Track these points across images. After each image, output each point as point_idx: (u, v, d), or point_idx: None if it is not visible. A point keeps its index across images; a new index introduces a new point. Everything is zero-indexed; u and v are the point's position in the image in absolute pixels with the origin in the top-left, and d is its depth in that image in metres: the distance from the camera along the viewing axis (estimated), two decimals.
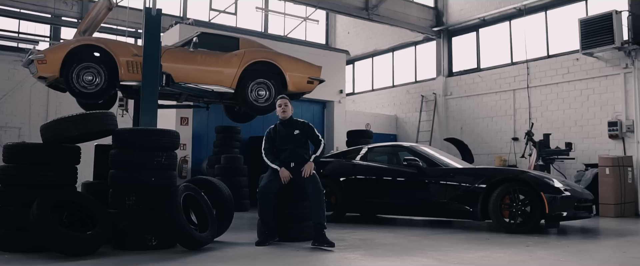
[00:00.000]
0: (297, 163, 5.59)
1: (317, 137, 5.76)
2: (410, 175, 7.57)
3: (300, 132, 5.70)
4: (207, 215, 5.22)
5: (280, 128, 5.74)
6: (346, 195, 7.91)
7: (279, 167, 5.55)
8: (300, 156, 5.64)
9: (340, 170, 8.10)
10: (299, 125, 5.74)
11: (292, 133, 5.67)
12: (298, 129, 5.71)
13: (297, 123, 5.76)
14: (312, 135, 5.75)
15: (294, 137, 5.68)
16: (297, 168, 5.55)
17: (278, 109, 5.73)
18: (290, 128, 5.69)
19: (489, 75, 13.65)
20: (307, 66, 8.76)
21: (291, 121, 5.74)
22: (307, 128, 5.75)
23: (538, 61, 12.54)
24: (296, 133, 5.68)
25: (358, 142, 11.60)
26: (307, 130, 5.74)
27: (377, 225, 7.60)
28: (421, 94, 15.37)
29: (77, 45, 7.25)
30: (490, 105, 13.53)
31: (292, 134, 5.67)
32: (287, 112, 5.71)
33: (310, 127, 5.79)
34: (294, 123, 5.74)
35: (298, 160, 5.61)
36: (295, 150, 5.66)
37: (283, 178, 5.50)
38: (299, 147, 5.70)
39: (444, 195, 7.27)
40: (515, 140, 12.72)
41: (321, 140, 5.76)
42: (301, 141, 5.72)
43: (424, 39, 15.51)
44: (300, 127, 5.73)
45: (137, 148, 4.98)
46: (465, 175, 7.30)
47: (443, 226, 7.69)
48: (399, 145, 8.80)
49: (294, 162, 5.61)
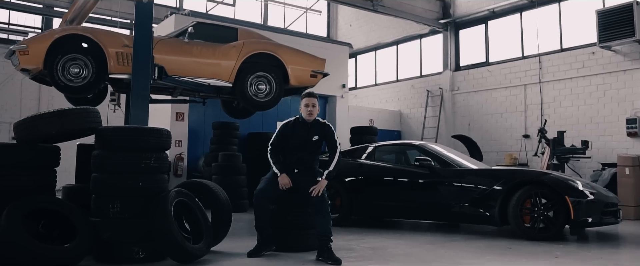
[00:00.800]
0: (303, 171, 4.96)
1: (335, 141, 5.00)
2: (421, 176, 7.03)
3: (319, 138, 5.00)
4: (202, 224, 4.68)
5: (299, 129, 5.00)
6: (352, 197, 7.38)
7: (279, 172, 4.94)
8: (308, 164, 4.99)
9: (346, 170, 7.54)
10: (319, 130, 5.00)
11: (311, 139, 4.97)
12: (318, 135, 4.98)
13: (319, 126, 5.02)
14: (329, 139, 5.02)
15: (311, 143, 4.98)
16: (302, 176, 4.93)
17: (304, 109, 4.97)
18: (311, 133, 4.96)
19: (498, 69, 13.15)
20: (310, 58, 8.26)
21: (313, 124, 5.01)
22: (327, 132, 5.02)
23: (551, 55, 12.03)
24: (315, 140, 4.98)
25: (362, 139, 11.13)
26: (327, 134, 5.02)
27: (385, 230, 7.08)
28: (427, 89, 14.89)
29: (62, 35, 6.72)
30: (499, 101, 13.03)
31: (310, 140, 4.97)
32: (314, 114, 4.98)
33: (330, 131, 5.05)
34: (316, 127, 5.00)
35: (305, 168, 4.97)
36: (306, 158, 5.00)
37: (282, 185, 4.90)
38: (312, 154, 5.04)
39: (458, 198, 6.73)
40: (526, 137, 12.23)
41: (337, 146, 4.98)
42: (317, 148, 5.06)
43: (430, 31, 15.02)
44: (320, 132, 4.99)
45: (122, 149, 4.42)
46: (482, 177, 6.76)
47: (455, 231, 7.15)
48: (409, 143, 8.25)
49: (299, 169, 4.99)
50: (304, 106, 5.00)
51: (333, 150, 4.94)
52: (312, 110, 4.96)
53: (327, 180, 4.84)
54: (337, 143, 4.98)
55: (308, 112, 4.95)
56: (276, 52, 7.83)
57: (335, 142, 4.98)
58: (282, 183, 4.88)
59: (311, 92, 5.16)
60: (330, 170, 4.86)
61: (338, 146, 4.97)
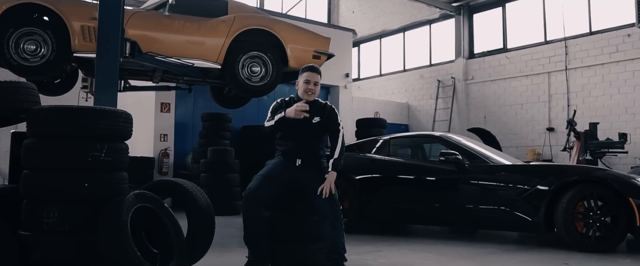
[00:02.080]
0: (307, 163, 3.92)
1: (338, 124, 4.03)
2: (448, 173, 5.86)
3: (320, 120, 3.99)
4: (173, 238, 3.49)
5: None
6: (363, 198, 6.20)
7: (285, 113, 3.91)
8: (312, 153, 3.97)
9: (356, 167, 6.38)
10: (321, 111, 4.02)
11: (310, 120, 3.95)
12: (319, 116, 3.98)
13: (320, 107, 4.04)
14: (332, 122, 4.03)
15: (312, 126, 3.96)
16: (306, 170, 3.89)
17: (303, 85, 3.98)
18: (310, 114, 3.95)
19: (518, 56, 12.12)
20: (313, 37, 7.16)
21: (313, 104, 4.02)
22: (330, 114, 4.04)
23: (578, 38, 11.00)
24: (315, 122, 3.98)
25: (370, 132, 10.05)
26: (330, 117, 4.03)
27: (403, 239, 5.93)
28: (437, 79, 13.90)
29: (14, 5, 5.58)
30: (519, 91, 12.00)
31: (309, 122, 3.95)
32: (315, 93, 4.02)
33: (334, 113, 4.06)
34: (316, 108, 4.01)
35: (308, 157, 3.94)
36: (306, 143, 3.97)
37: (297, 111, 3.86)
38: (314, 139, 4.01)
39: (492, 200, 5.59)
40: (551, 130, 11.18)
41: (340, 128, 4.03)
42: (318, 132, 4.02)
43: (441, 16, 14.01)
44: (321, 113, 4.00)
45: (61, 137, 3.24)
46: (521, 174, 5.62)
47: (485, 240, 5.98)
48: (428, 135, 7.10)
49: (301, 159, 3.92)
50: (303, 82, 3.98)
51: (335, 134, 3.99)
52: (313, 89, 4.00)
53: (335, 172, 3.80)
54: (339, 127, 4.02)
55: (308, 90, 3.97)
56: (273, 28, 6.68)
57: (338, 125, 4.02)
58: (297, 109, 3.86)
59: (314, 67, 4.09)
60: (337, 157, 3.87)
61: (341, 129, 4.02)
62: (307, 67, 4.04)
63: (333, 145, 3.94)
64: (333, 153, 3.88)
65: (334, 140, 3.95)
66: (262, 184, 3.81)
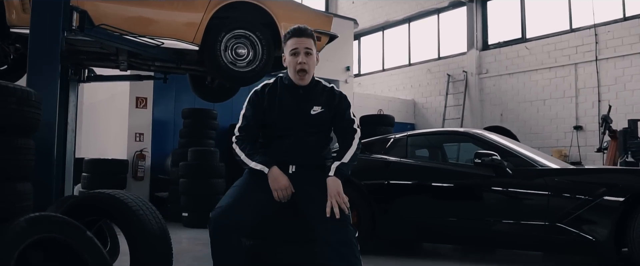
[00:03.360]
0: (305, 170, 2.67)
1: (351, 120, 2.76)
2: (484, 179, 4.63)
3: (324, 110, 2.71)
4: None
5: (285, 94, 2.74)
6: (376, 210, 4.97)
7: (266, 166, 2.60)
8: (312, 155, 2.71)
9: (366, 171, 5.16)
10: (323, 97, 2.74)
11: (308, 110, 2.70)
12: (321, 104, 2.71)
13: (322, 92, 2.76)
14: (342, 115, 2.75)
15: (311, 118, 2.70)
16: (304, 178, 2.63)
17: (291, 59, 2.67)
18: (307, 100, 2.72)
19: (539, 46, 11.05)
20: (312, 14, 6.06)
21: (312, 88, 2.75)
22: (340, 105, 2.75)
23: (610, 25, 9.95)
24: (315, 113, 2.70)
25: (375, 131, 8.82)
26: (338, 109, 2.75)
27: (427, 261, 4.68)
28: (447, 73, 12.81)
29: None
30: (541, 85, 10.91)
31: (307, 112, 2.69)
32: (309, 68, 2.67)
33: (345, 103, 2.78)
34: (317, 93, 2.75)
35: (306, 161, 2.69)
36: (303, 142, 2.70)
37: (279, 193, 2.55)
38: (315, 135, 2.74)
39: (541, 214, 4.36)
40: (579, 128, 10.11)
41: (356, 127, 2.75)
42: (322, 127, 2.76)
43: (450, 4, 13.01)
44: (325, 101, 2.73)
45: None
46: (580, 181, 4.44)
47: (527, 261, 4.74)
48: (455, 132, 5.90)
49: (296, 165, 2.67)
50: (290, 54, 2.64)
51: (349, 133, 2.72)
52: (306, 63, 2.63)
53: (339, 179, 2.53)
54: (354, 124, 2.75)
55: (298, 66, 2.63)
56: (263, 2, 5.45)
57: (352, 122, 2.75)
58: (278, 188, 2.56)
59: (302, 28, 2.69)
60: (345, 162, 2.61)
61: (357, 128, 2.74)
62: (291, 31, 2.66)
63: (343, 147, 2.69)
64: (341, 155, 2.64)
65: (346, 141, 2.70)
66: (239, 200, 2.55)
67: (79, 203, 2.71)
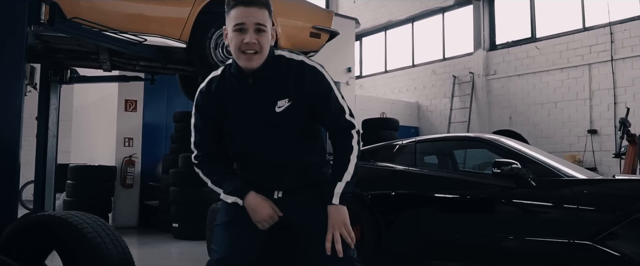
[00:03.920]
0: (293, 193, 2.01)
1: (341, 111, 1.95)
2: (503, 191, 4.16)
3: (293, 102, 1.90)
4: None
5: (233, 88, 1.94)
6: (381, 223, 4.53)
7: (239, 197, 1.97)
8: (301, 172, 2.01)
9: (371, 182, 4.72)
10: (290, 79, 1.89)
11: (271, 107, 1.90)
12: (288, 94, 1.90)
13: (285, 70, 1.90)
14: (327, 109, 1.94)
15: (278, 118, 1.91)
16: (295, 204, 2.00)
17: (233, 36, 1.84)
18: (266, 93, 1.91)
19: (550, 45, 10.61)
20: (311, 9, 5.82)
21: (267, 68, 1.89)
22: (314, 84, 1.90)
23: (626, 23, 9.51)
24: (282, 109, 1.90)
25: (378, 135, 8.48)
26: (314, 92, 1.91)
27: None
28: (453, 74, 12.37)
29: None
30: (553, 86, 10.46)
31: (270, 110, 1.91)
32: (263, 47, 1.84)
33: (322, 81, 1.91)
34: (276, 75, 1.90)
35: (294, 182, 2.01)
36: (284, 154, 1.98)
37: (261, 223, 1.94)
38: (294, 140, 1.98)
39: (566, 230, 3.89)
40: (593, 132, 9.69)
41: (350, 122, 1.96)
42: (300, 126, 1.97)
43: (456, 3, 12.61)
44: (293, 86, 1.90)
45: None
46: (611, 193, 3.97)
47: None
48: (464, 137, 5.42)
49: (283, 190, 2.01)
50: (232, 30, 1.84)
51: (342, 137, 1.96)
52: (255, 42, 1.81)
53: (344, 205, 1.90)
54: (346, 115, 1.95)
55: (244, 46, 1.82)
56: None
57: (342, 113, 1.95)
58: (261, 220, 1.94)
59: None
60: (348, 180, 1.90)
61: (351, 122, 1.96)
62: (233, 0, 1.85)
63: (339, 161, 1.95)
64: (339, 172, 1.93)
65: (342, 151, 1.96)
66: (231, 247, 1.95)
67: (20, 229, 2.22)
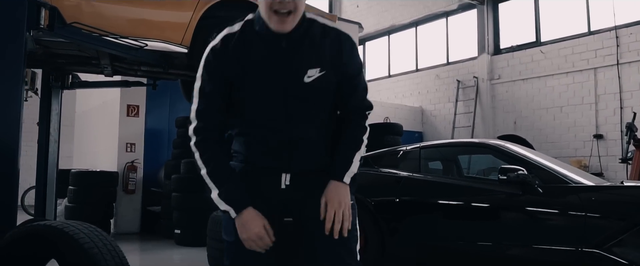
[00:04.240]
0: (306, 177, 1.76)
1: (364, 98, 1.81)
2: (509, 197, 4.10)
3: (326, 73, 1.69)
4: None
5: (258, 49, 1.69)
6: (385, 231, 4.48)
7: (234, 208, 1.68)
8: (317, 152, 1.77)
9: (375, 188, 4.66)
10: (325, 47, 1.70)
11: (300, 75, 1.68)
12: (321, 63, 1.69)
13: (320, 37, 1.71)
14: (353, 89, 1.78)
15: (305, 90, 1.69)
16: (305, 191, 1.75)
17: None
18: (296, 59, 1.68)
19: (555, 50, 10.43)
20: (315, 13, 5.35)
21: (302, 32, 1.69)
22: (351, 59, 1.75)
23: (632, 27, 9.36)
24: (312, 79, 1.68)
25: (382, 141, 8.33)
26: (348, 67, 1.74)
27: None
28: (457, 79, 12.21)
29: None
30: (558, 91, 10.29)
31: (298, 79, 1.68)
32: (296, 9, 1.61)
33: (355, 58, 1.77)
34: (310, 41, 1.70)
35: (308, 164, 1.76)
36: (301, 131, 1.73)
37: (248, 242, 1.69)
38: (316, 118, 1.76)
39: (574, 238, 3.84)
40: (599, 137, 9.52)
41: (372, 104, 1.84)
42: (326, 102, 1.76)
43: (460, 7, 12.43)
44: (327, 55, 1.70)
45: None
46: (620, 200, 3.93)
47: None
48: (469, 143, 5.37)
49: (292, 173, 1.75)
50: None
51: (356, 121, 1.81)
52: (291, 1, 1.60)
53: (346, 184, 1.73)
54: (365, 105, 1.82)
55: (277, 4, 1.59)
56: None
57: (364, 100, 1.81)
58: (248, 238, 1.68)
59: None
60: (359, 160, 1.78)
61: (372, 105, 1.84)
62: None
63: (351, 135, 1.79)
64: (350, 150, 1.76)
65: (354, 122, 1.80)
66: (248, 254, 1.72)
67: (17, 238, 2.17)
